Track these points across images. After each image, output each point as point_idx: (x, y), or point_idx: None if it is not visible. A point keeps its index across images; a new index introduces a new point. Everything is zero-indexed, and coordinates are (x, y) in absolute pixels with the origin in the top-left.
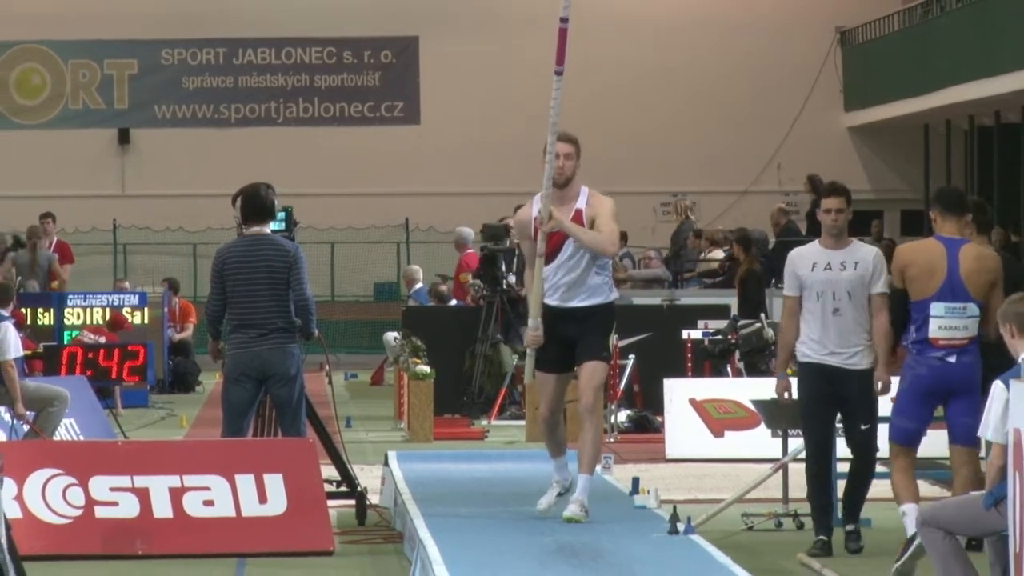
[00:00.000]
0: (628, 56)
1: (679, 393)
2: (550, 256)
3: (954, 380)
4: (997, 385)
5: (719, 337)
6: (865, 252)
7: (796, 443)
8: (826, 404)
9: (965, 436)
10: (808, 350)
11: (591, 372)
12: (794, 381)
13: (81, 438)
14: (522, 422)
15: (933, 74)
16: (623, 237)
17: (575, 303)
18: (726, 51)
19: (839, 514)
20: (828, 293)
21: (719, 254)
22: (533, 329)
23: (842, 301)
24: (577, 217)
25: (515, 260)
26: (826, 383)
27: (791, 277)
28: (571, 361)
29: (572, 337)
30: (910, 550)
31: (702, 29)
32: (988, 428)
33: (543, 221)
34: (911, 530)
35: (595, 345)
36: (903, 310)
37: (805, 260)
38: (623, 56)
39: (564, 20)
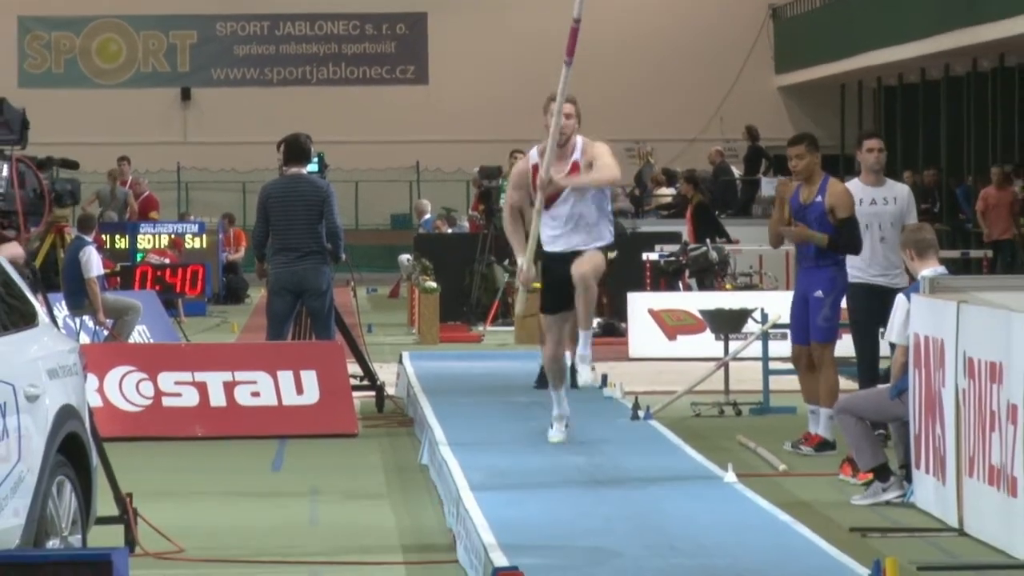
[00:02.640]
0: (601, 28)
1: (639, 305)
2: (549, 204)
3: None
4: (900, 297)
5: (672, 258)
6: (900, 189)
7: (736, 345)
8: (874, 319)
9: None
10: (859, 272)
11: (587, 256)
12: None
13: (151, 341)
14: (511, 328)
15: (848, 43)
16: None
17: (574, 247)
18: (679, 26)
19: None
20: (875, 224)
21: (670, 191)
22: (526, 270)
23: (886, 230)
24: (574, 168)
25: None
26: (876, 300)
27: None
28: (569, 297)
29: (568, 275)
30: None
31: (659, 8)
32: (893, 332)
33: (543, 185)
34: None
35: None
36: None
37: (853, 194)
38: (597, 27)
39: (576, 20)
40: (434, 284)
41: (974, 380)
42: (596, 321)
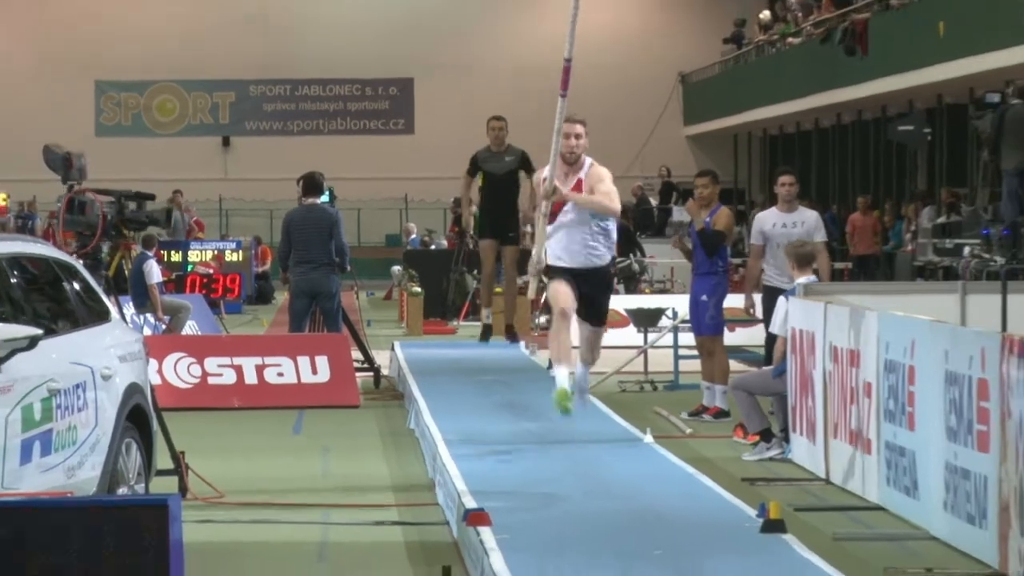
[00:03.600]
0: (546, 83)
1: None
2: (553, 216)
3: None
4: (781, 298)
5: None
6: (808, 215)
7: (652, 336)
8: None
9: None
10: (772, 278)
11: (600, 310)
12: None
13: (199, 333)
14: (479, 323)
15: (740, 102)
16: None
17: (576, 264)
18: (611, 86)
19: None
20: (784, 242)
21: None
22: (536, 263)
23: None
24: (578, 185)
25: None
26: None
27: (758, 233)
28: (576, 281)
29: (580, 288)
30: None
31: (594, 72)
32: (776, 326)
33: (547, 193)
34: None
35: (599, 310)
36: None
37: (768, 220)
38: (542, 81)
39: (568, 60)
40: (419, 289)
41: (837, 364)
42: (544, 317)
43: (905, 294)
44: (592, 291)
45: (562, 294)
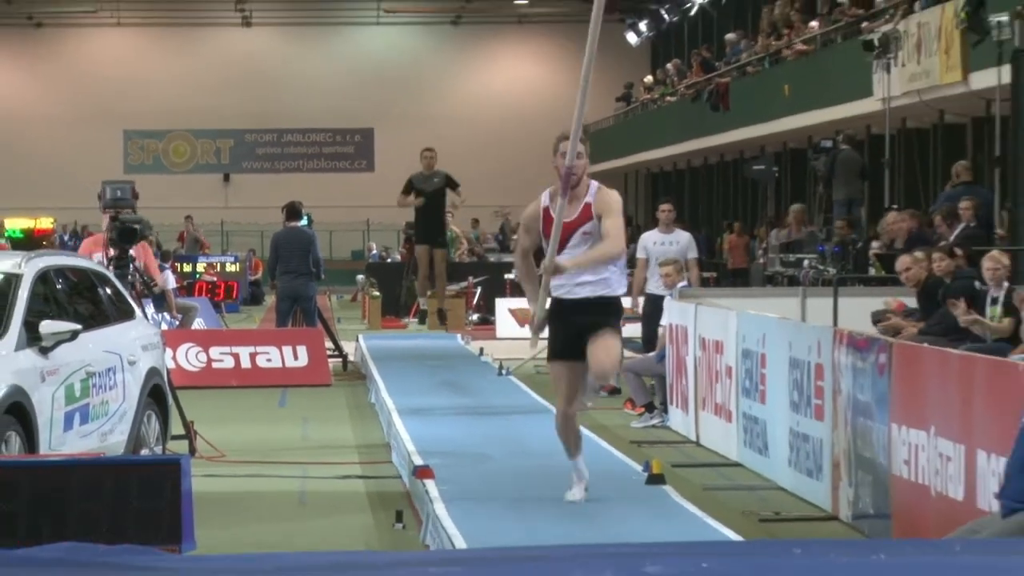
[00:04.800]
0: (482, 127)
1: (502, 306)
2: (560, 247)
3: None
4: (666, 299)
5: None
6: (682, 235)
7: None
8: (657, 314)
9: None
10: (652, 288)
11: (604, 344)
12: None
13: (205, 328)
14: (424, 324)
15: (629, 147)
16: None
17: (584, 294)
18: (531, 132)
19: None
20: (662, 257)
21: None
22: (538, 320)
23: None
24: (586, 211)
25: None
26: (659, 303)
27: (642, 249)
28: (581, 348)
29: (581, 325)
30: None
31: (519, 120)
32: (661, 322)
33: (548, 270)
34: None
35: (609, 328)
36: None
37: (650, 239)
38: (475, 133)
39: (568, 167)
40: (377, 293)
41: (705, 351)
42: (476, 316)
43: (758, 298)
44: (599, 318)
45: (562, 399)
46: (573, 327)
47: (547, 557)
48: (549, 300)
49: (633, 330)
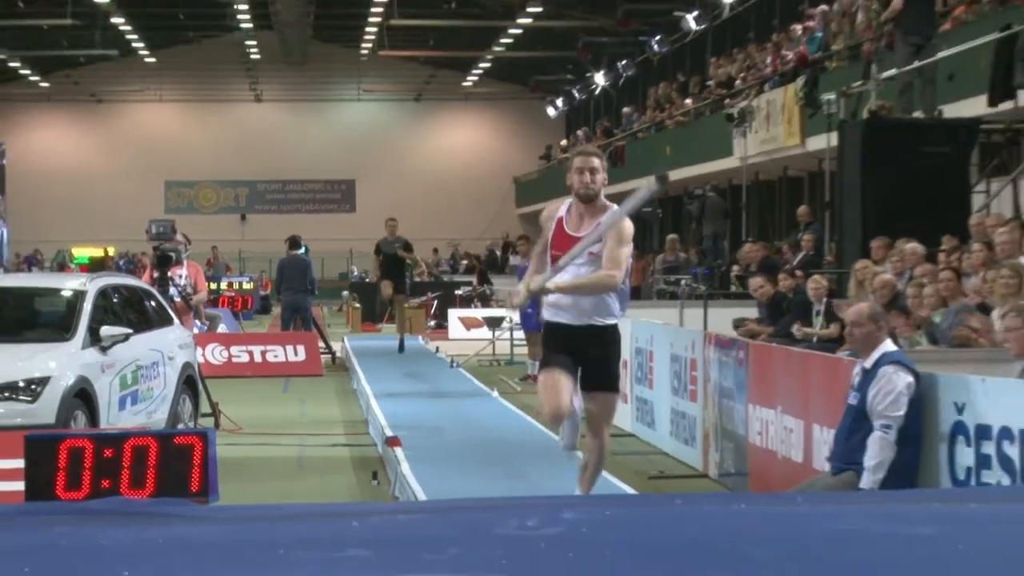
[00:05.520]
0: (433, 182)
1: (453, 315)
2: (555, 260)
3: None
4: None
5: (468, 293)
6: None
7: (499, 332)
8: None
9: None
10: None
11: (603, 402)
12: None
13: (227, 331)
14: (392, 325)
15: (549, 194)
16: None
17: (579, 322)
18: (471, 179)
19: None
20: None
21: (466, 262)
22: (535, 282)
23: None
24: (596, 231)
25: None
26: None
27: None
28: (574, 363)
29: (577, 352)
30: None
31: (463, 173)
32: None
33: (528, 287)
34: None
35: (609, 372)
36: None
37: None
38: (432, 182)
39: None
40: (358, 305)
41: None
42: (433, 322)
43: (648, 308)
44: (598, 352)
45: (556, 389)
46: (565, 346)
47: (490, 507)
48: (545, 313)
49: None
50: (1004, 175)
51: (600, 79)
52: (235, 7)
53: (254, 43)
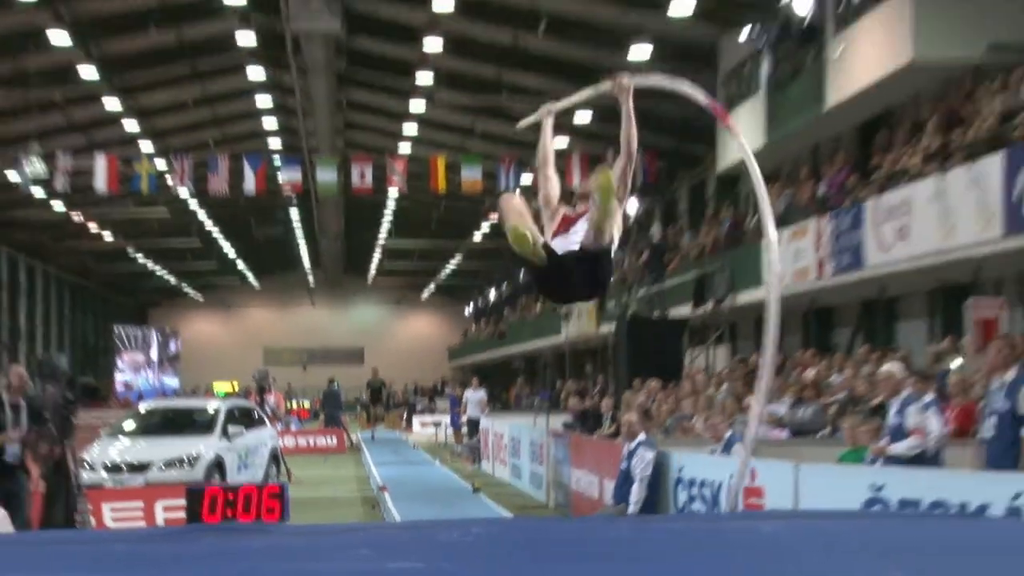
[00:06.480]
0: (402, 352)
1: (416, 420)
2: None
3: None
4: (481, 418)
5: (424, 408)
6: (480, 391)
7: (439, 429)
8: None
9: None
10: (474, 414)
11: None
12: None
13: (295, 429)
14: (380, 425)
15: (470, 356)
16: None
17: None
18: (424, 350)
19: None
20: (475, 400)
21: (424, 392)
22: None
23: None
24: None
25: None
26: (479, 421)
27: (465, 397)
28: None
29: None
30: None
31: (420, 350)
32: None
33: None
34: None
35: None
36: None
37: (469, 392)
38: (401, 352)
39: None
40: (365, 415)
41: (496, 438)
42: (404, 424)
43: (517, 415)
44: (590, 267)
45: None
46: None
47: (436, 524)
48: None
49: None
50: (701, 345)
51: (493, 294)
52: (302, 258)
53: (311, 276)
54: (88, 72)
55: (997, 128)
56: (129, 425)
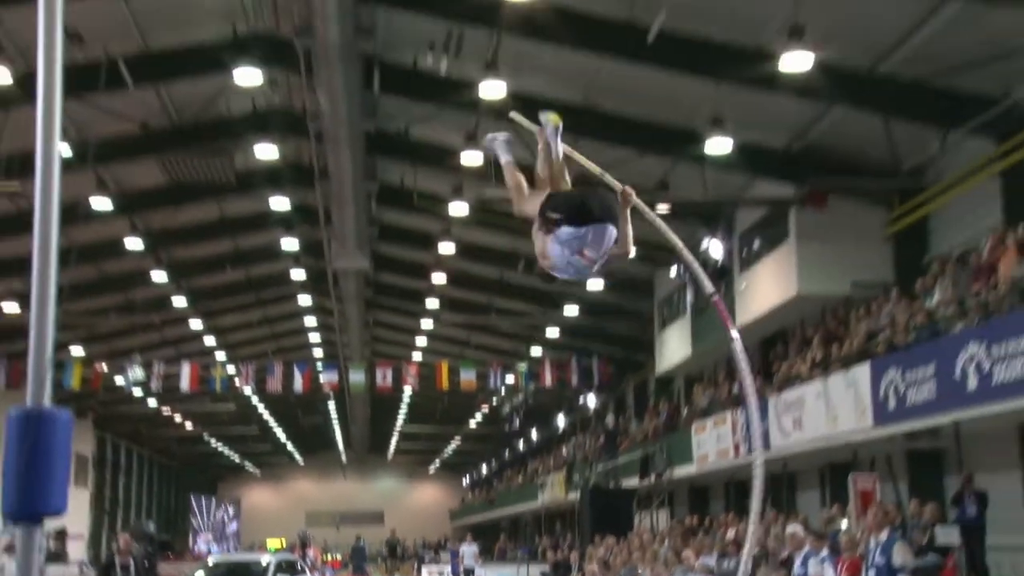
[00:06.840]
0: (416, 512)
1: (425, 568)
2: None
3: None
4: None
5: (431, 559)
6: (474, 544)
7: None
8: None
9: None
10: (470, 562)
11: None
12: None
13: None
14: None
15: (467, 521)
16: None
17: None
18: (430, 517)
19: None
20: (470, 551)
21: (431, 546)
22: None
23: None
24: None
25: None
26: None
27: (460, 549)
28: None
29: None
30: None
31: (425, 512)
32: None
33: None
34: None
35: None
36: None
37: (463, 545)
38: (415, 511)
39: (712, 294)
40: (385, 566)
41: None
42: (415, 573)
43: (504, 565)
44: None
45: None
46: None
47: None
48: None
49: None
50: (647, 509)
51: (484, 469)
52: (337, 440)
53: (343, 454)
54: (179, 301)
55: (864, 344)
56: (200, 575)
